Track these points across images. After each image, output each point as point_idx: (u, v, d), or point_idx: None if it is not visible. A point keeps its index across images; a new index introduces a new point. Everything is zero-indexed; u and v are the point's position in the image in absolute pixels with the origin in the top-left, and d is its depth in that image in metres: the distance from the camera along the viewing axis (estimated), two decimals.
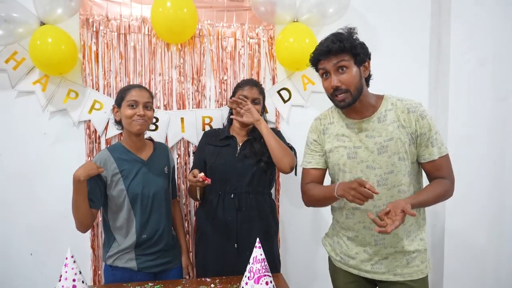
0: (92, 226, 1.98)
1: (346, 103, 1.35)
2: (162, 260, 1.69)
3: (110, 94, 2.05)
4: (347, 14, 2.07)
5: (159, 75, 2.10)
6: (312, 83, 2.19)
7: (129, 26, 2.05)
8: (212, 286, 1.52)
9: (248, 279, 1.27)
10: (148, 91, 1.69)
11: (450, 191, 1.38)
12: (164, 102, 2.11)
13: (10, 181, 2.02)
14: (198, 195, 1.73)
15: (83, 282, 1.28)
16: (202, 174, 1.56)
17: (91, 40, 2.02)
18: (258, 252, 1.29)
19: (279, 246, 2.05)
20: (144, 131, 1.67)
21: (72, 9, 1.89)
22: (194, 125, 2.11)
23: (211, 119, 2.13)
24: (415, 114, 1.35)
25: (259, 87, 1.87)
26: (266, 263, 1.31)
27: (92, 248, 2.08)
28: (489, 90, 2.24)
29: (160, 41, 2.08)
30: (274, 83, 2.20)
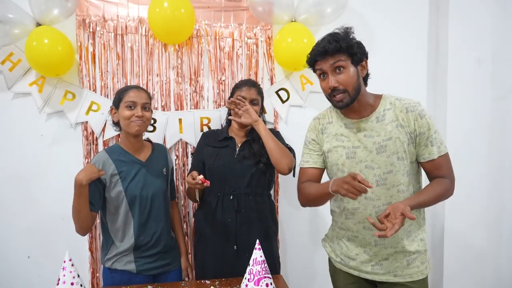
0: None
1: (344, 103, 1.34)
2: (161, 262, 1.68)
3: (108, 95, 2.04)
4: (345, 14, 2.07)
5: (157, 76, 2.08)
6: (311, 83, 2.18)
7: (126, 26, 2.04)
8: None
9: (248, 281, 1.27)
10: (146, 92, 1.68)
11: (450, 190, 1.38)
12: (162, 103, 2.09)
13: (7, 183, 2.00)
14: (197, 197, 1.73)
15: (81, 285, 1.27)
16: (201, 177, 1.55)
17: (88, 41, 2.01)
18: (258, 254, 1.29)
19: (278, 248, 2.04)
20: (143, 132, 1.66)
21: (69, 9, 1.88)
22: (192, 126, 2.10)
23: (209, 120, 2.12)
24: (413, 113, 1.34)
25: (258, 88, 1.85)
26: (266, 265, 1.30)
27: (90, 250, 2.06)
28: (487, 90, 2.24)
29: (157, 41, 2.07)
30: (272, 83, 2.19)
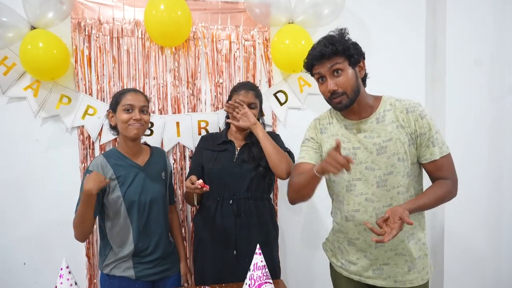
0: None
1: (343, 105, 1.34)
2: (160, 268, 1.66)
3: (104, 99, 2.02)
4: (342, 15, 2.07)
5: (154, 79, 2.07)
6: (309, 85, 2.17)
7: (122, 29, 2.02)
8: None
9: (249, 286, 1.26)
10: (144, 95, 1.67)
11: (452, 192, 1.36)
12: (159, 107, 2.07)
13: (2, 189, 1.97)
14: (195, 201, 1.72)
15: None
16: (201, 181, 1.53)
17: (84, 44, 1.99)
18: (259, 259, 1.27)
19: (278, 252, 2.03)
20: (141, 135, 1.65)
21: (64, 12, 1.86)
22: (190, 129, 2.08)
23: (207, 123, 2.10)
24: (414, 114, 1.33)
25: (256, 91, 1.83)
26: (267, 270, 1.29)
27: (87, 256, 2.04)
28: (485, 90, 2.25)
29: (154, 44, 2.05)
30: (270, 86, 2.18)
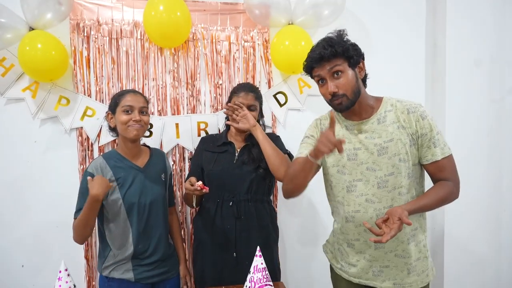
0: None
1: (344, 106, 1.33)
2: (159, 270, 1.65)
3: (103, 100, 2.01)
4: (342, 16, 2.07)
5: (153, 80, 2.06)
6: (309, 86, 2.16)
7: (121, 30, 2.01)
8: None
9: None
10: (143, 96, 1.66)
11: (454, 193, 1.35)
12: (158, 108, 2.07)
13: (0, 190, 1.96)
14: (194, 203, 1.71)
15: None
16: (200, 183, 1.53)
17: (82, 45, 1.98)
18: (259, 261, 1.26)
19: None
20: (141, 136, 1.64)
21: (62, 13, 1.85)
22: (189, 130, 2.07)
23: (206, 124, 2.09)
24: (415, 115, 1.33)
25: (256, 92, 1.81)
26: (267, 272, 1.28)
27: (86, 258, 2.02)
28: (485, 90, 2.24)
29: (153, 45, 2.05)
30: (270, 87, 2.17)
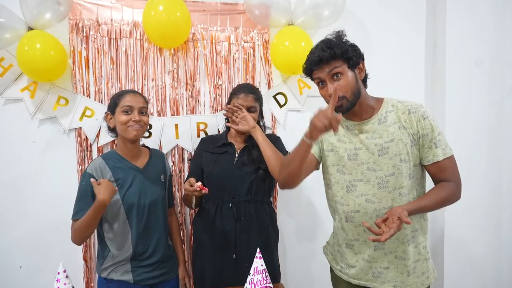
0: None
1: (344, 108, 1.33)
2: (159, 272, 1.64)
3: (102, 100, 2.00)
4: (342, 17, 2.06)
5: (152, 80, 2.05)
6: (308, 87, 2.16)
7: (120, 30, 2.00)
8: None
9: None
10: (143, 96, 1.66)
11: (456, 194, 1.34)
12: (157, 108, 2.06)
13: None
14: (193, 204, 1.70)
15: None
16: (200, 183, 1.52)
17: (81, 45, 1.97)
18: (259, 263, 1.26)
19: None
20: (140, 137, 1.63)
21: (61, 13, 1.84)
22: (188, 131, 2.06)
23: (206, 125, 2.08)
24: (416, 115, 1.32)
25: (255, 94, 1.80)
26: (267, 274, 1.27)
27: (85, 259, 2.01)
28: (485, 91, 2.24)
29: (152, 45, 2.04)
30: (269, 88, 2.17)
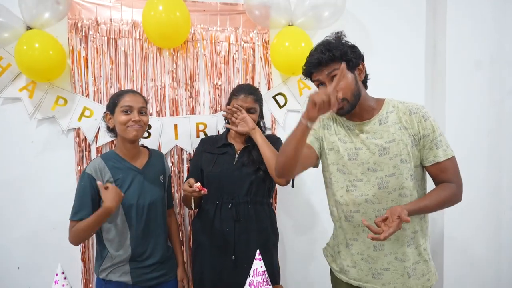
0: None
1: (345, 111, 1.33)
2: (158, 273, 1.63)
3: (101, 100, 1.99)
4: (342, 18, 2.06)
5: (151, 80, 2.04)
6: (308, 88, 2.15)
7: (119, 30, 1.99)
8: None
9: None
10: (142, 96, 1.65)
11: (457, 195, 1.33)
12: (156, 109, 2.05)
13: None
14: (193, 205, 1.69)
15: None
16: (199, 184, 1.51)
17: (80, 45, 1.96)
18: (259, 265, 1.24)
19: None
20: (140, 137, 1.63)
21: (60, 13, 1.83)
22: (188, 132, 2.06)
23: (205, 125, 2.08)
24: (417, 116, 1.32)
25: (255, 94, 1.79)
26: (267, 276, 1.26)
27: (83, 260, 2.00)
28: (485, 91, 2.24)
29: (152, 45, 2.03)
30: (269, 88, 2.16)
